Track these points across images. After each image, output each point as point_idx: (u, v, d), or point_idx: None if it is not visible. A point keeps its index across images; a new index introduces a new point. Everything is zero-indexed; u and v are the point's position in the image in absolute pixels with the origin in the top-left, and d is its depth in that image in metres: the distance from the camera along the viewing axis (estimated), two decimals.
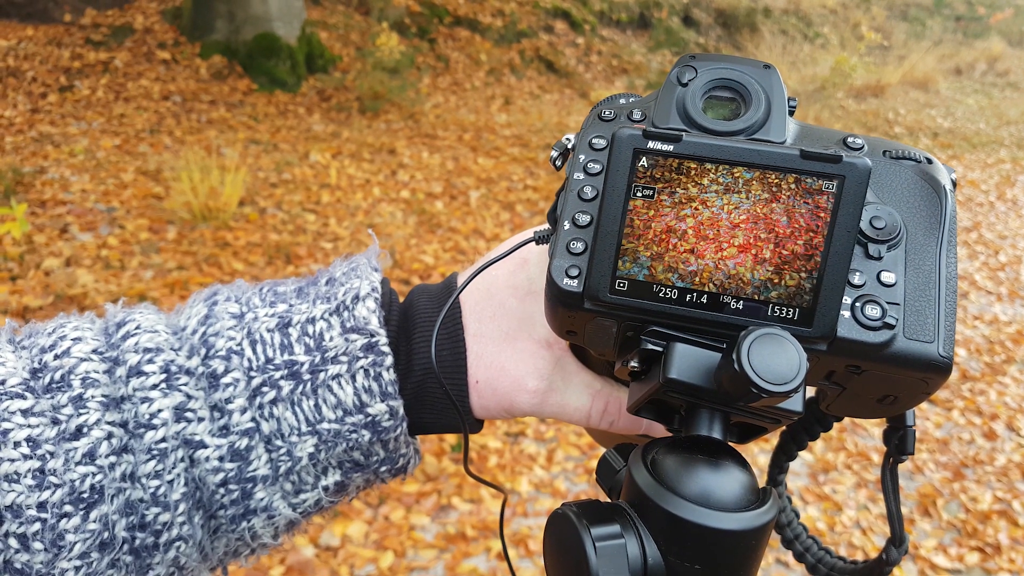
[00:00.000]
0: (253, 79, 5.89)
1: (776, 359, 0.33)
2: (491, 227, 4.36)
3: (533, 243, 0.45)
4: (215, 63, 5.87)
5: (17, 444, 0.38)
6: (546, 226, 0.43)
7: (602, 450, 0.46)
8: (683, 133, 0.36)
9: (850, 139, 0.41)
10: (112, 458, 0.40)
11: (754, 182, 0.35)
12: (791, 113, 0.41)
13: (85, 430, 0.39)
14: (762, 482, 0.41)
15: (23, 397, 0.39)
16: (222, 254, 3.48)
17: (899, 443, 0.45)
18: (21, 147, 4.36)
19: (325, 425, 0.43)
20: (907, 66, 10.85)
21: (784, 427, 0.45)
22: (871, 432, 3.12)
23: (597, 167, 0.39)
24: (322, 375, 0.43)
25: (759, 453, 2.72)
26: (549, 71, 8.59)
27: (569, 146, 0.42)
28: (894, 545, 0.46)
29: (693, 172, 0.36)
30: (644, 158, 0.36)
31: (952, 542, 2.58)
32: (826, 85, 8.98)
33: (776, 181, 0.35)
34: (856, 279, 0.37)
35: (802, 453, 2.91)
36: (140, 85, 5.42)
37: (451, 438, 2.69)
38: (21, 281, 3.04)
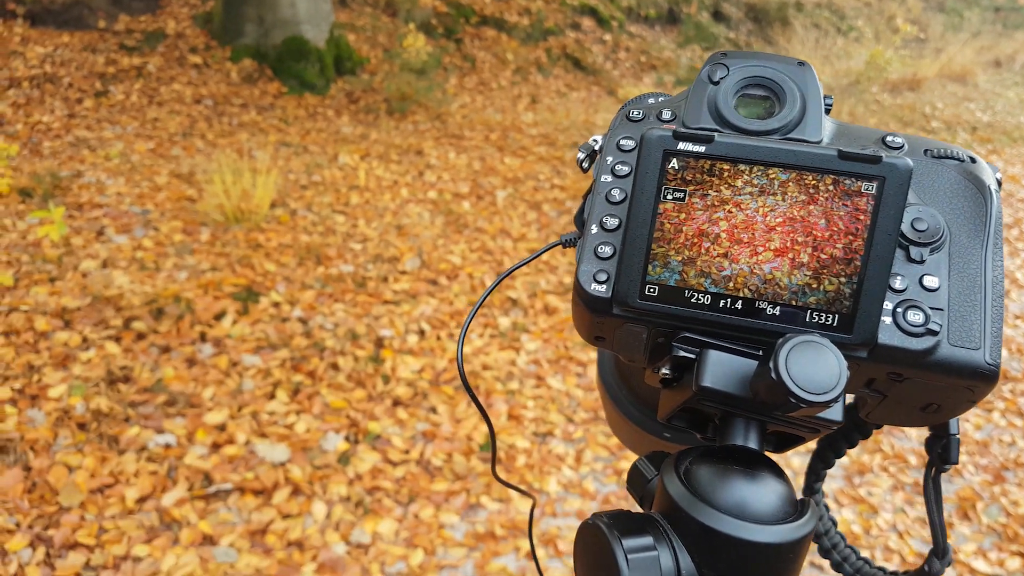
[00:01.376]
0: (283, 82, 5.96)
1: (815, 367, 0.31)
2: (518, 227, 4.35)
3: (560, 246, 0.45)
4: (245, 67, 5.94)
5: None
6: (575, 231, 0.43)
7: (630, 452, 0.45)
8: (715, 133, 0.35)
9: (889, 138, 0.39)
10: None
11: (790, 183, 0.34)
12: (827, 111, 0.39)
13: None
14: (798, 492, 0.40)
15: None
16: (255, 255, 3.52)
17: (942, 452, 0.43)
18: (58, 152, 4.46)
19: None
20: (944, 59, 10.61)
21: (821, 435, 0.44)
22: (908, 434, 3.06)
23: (625, 169, 0.38)
24: None
25: (794, 458, 2.68)
26: (576, 69, 8.55)
27: (596, 147, 0.41)
28: (937, 557, 0.44)
29: (726, 174, 0.35)
30: (675, 160, 0.35)
31: (992, 546, 2.52)
32: (860, 79, 8.83)
33: (813, 182, 0.34)
34: (898, 284, 0.36)
35: None
36: (172, 89, 5.51)
37: (479, 436, 2.69)
38: (60, 282, 3.11)
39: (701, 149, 0.35)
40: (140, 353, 2.79)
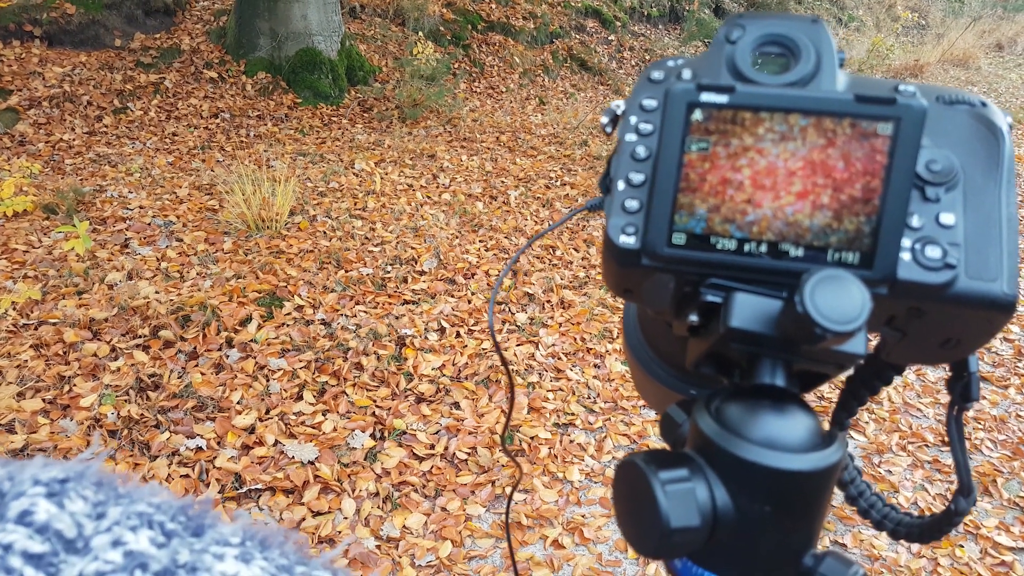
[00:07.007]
0: (297, 93, 6.04)
1: (840, 299, 0.32)
2: (531, 224, 4.40)
3: (585, 211, 0.47)
4: (260, 79, 6.03)
5: None
6: (598, 196, 0.44)
7: (649, 438, 0.47)
8: (736, 84, 0.36)
9: (901, 86, 0.39)
10: None
11: (809, 128, 0.35)
12: (841, 65, 0.40)
13: None
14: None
15: None
16: (277, 261, 3.58)
17: (963, 390, 0.43)
18: (80, 168, 4.54)
19: None
20: (946, 44, 10.59)
21: (845, 370, 0.44)
22: (926, 413, 3.08)
23: (649, 127, 0.38)
24: None
25: None
26: (582, 69, 8.61)
27: (619, 112, 0.41)
28: (962, 495, 0.45)
29: (747, 122, 0.36)
30: (698, 110, 0.36)
31: (1015, 521, 2.54)
32: (863, 68, 8.82)
33: (832, 127, 0.35)
34: (914, 222, 0.36)
35: (855, 435, 2.88)
36: (190, 104, 5.60)
37: (500, 428, 2.74)
38: (87, 295, 3.15)
39: (724, 99, 0.36)
40: (168, 360, 2.84)
